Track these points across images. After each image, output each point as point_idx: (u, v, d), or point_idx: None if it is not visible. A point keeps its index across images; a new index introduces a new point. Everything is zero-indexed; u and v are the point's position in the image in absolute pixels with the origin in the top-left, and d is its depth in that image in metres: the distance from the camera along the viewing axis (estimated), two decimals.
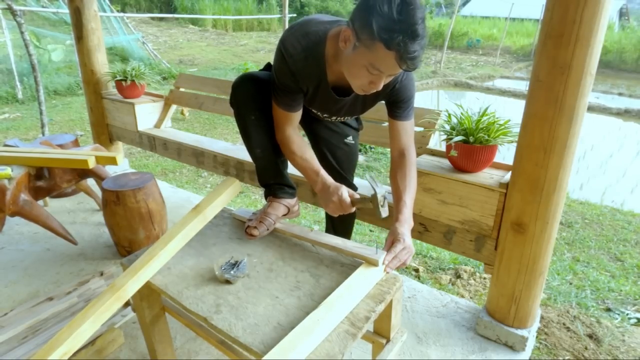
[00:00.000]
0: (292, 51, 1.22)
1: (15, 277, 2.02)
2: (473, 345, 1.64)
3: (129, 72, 2.89)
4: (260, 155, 1.44)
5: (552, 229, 1.46)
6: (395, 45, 1.00)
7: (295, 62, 1.23)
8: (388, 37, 1.00)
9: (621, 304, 2.21)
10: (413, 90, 1.35)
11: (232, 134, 5.62)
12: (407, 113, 1.37)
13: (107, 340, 1.53)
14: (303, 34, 1.22)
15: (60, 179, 2.15)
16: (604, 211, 3.60)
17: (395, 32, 0.99)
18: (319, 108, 1.43)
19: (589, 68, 1.27)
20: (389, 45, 1.01)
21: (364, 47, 1.06)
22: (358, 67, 1.10)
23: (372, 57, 1.06)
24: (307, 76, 1.26)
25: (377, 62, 1.06)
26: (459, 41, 15.63)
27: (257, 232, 1.35)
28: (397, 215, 1.27)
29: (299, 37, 1.22)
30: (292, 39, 1.23)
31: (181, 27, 14.50)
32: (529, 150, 1.40)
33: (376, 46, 1.03)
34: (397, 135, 1.38)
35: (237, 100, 1.39)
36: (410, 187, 1.32)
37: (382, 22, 1.00)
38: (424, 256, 2.62)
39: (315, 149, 1.67)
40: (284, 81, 1.28)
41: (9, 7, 3.73)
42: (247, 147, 1.46)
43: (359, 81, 1.15)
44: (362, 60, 1.08)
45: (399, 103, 1.35)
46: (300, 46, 1.21)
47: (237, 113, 1.41)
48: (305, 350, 0.92)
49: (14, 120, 5.70)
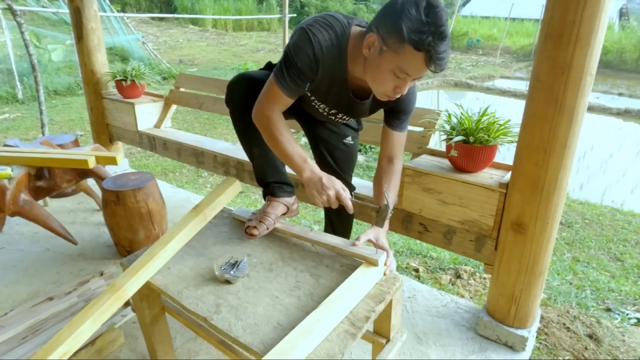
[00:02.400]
0: (320, 36, 1.18)
1: (15, 277, 2.02)
2: (473, 345, 1.64)
3: (129, 72, 2.89)
4: (258, 154, 1.44)
5: (552, 229, 1.46)
6: (425, 46, 1.03)
7: (322, 48, 1.18)
8: (418, 38, 1.03)
9: (621, 304, 2.21)
10: (414, 104, 1.41)
11: (232, 134, 5.62)
12: (403, 125, 1.42)
13: (107, 340, 1.53)
14: (328, 23, 1.20)
15: (60, 179, 2.15)
16: (604, 211, 3.60)
17: (425, 34, 1.02)
18: (332, 104, 1.38)
19: (589, 68, 1.27)
20: (418, 47, 1.04)
21: (391, 52, 1.08)
22: (384, 71, 1.12)
23: (400, 60, 1.08)
24: (327, 66, 1.23)
25: (405, 65, 1.08)
26: (459, 41, 15.62)
27: (257, 232, 1.35)
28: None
29: (325, 25, 1.20)
30: (318, 25, 1.19)
31: (181, 27, 14.50)
32: (529, 150, 1.40)
33: (405, 49, 1.06)
34: (389, 144, 1.42)
35: (233, 99, 1.39)
36: (394, 195, 1.38)
37: (411, 25, 1.03)
38: (424, 256, 2.62)
39: (314, 148, 1.68)
40: (301, 64, 1.20)
41: (9, 7, 3.73)
42: (244, 147, 1.46)
43: (383, 87, 1.16)
44: (389, 64, 1.10)
45: (399, 114, 1.39)
46: (327, 33, 1.19)
47: (233, 112, 1.41)
48: (305, 350, 0.92)
49: (14, 120, 5.70)
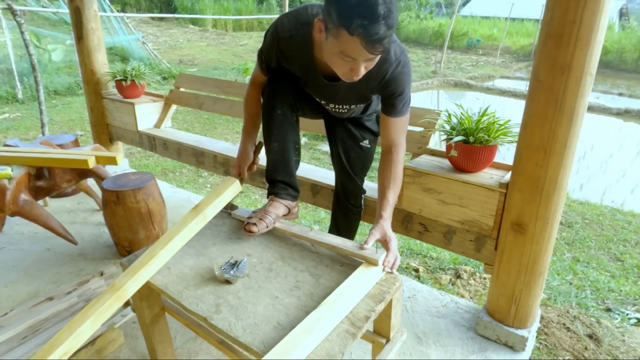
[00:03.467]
0: (280, 29, 1.30)
1: (15, 277, 2.02)
2: (473, 345, 1.63)
3: (129, 72, 2.89)
4: (276, 149, 1.46)
5: (552, 229, 1.46)
6: (356, 30, 1.00)
7: (281, 39, 1.30)
8: (348, 23, 1.00)
9: (621, 304, 2.21)
10: (406, 86, 1.33)
11: (232, 134, 5.62)
12: (398, 109, 1.35)
13: (107, 340, 1.53)
14: (295, 14, 1.29)
15: (60, 179, 2.15)
16: (604, 211, 3.60)
17: (355, 17, 0.99)
18: (315, 93, 1.48)
19: (589, 68, 1.27)
20: (351, 31, 1.01)
21: (332, 37, 1.07)
22: (333, 55, 1.12)
23: (340, 45, 1.06)
24: (292, 55, 1.33)
25: (346, 49, 1.06)
26: (459, 41, 15.62)
27: (256, 228, 1.34)
28: (381, 212, 1.31)
29: (291, 17, 1.30)
30: (284, 17, 1.31)
31: (181, 27, 14.49)
32: (529, 150, 1.40)
33: (341, 34, 1.04)
34: (386, 130, 1.39)
35: (271, 90, 1.44)
36: (394, 185, 1.36)
37: (341, 9, 1.01)
38: (424, 256, 2.62)
39: (332, 147, 1.70)
40: (268, 53, 1.37)
41: (9, 7, 3.73)
42: (265, 139, 1.49)
43: (339, 69, 1.16)
44: (334, 49, 1.09)
45: (391, 98, 1.34)
46: (289, 24, 1.29)
47: (267, 105, 1.45)
48: (305, 350, 0.92)
49: (14, 120, 5.70)
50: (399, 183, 1.38)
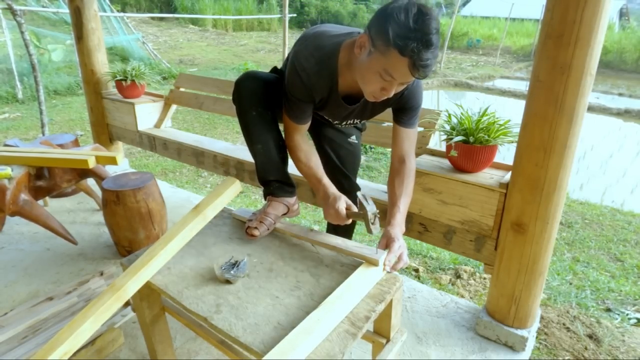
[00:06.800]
0: (305, 64, 1.26)
1: (15, 277, 2.02)
2: (473, 346, 1.64)
3: (129, 72, 2.89)
4: (261, 151, 1.45)
5: (552, 229, 1.46)
6: (409, 52, 1.04)
7: (309, 76, 1.27)
8: (403, 44, 1.04)
9: (621, 304, 2.21)
10: (420, 99, 1.39)
11: (232, 134, 5.62)
12: (412, 120, 1.41)
13: (107, 340, 1.53)
14: (316, 47, 1.27)
15: (60, 179, 2.15)
16: (604, 211, 3.60)
17: (410, 40, 1.03)
18: (329, 115, 1.47)
19: (589, 68, 1.27)
20: (403, 52, 1.05)
21: (378, 53, 1.10)
22: (372, 72, 1.14)
23: (386, 63, 1.09)
24: (319, 88, 1.30)
25: (391, 68, 1.09)
26: (459, 41, 15.62)
27: (257, 232, 1.35)
28: (390, 220, 1.30)
29: (312, 50, 1.27)
30: (305, 52, 1.27)
31: (181, 27, 14.50)
32: (529, 150, 1.40)
33: (391, 52, 1.07)
34: (399, 141, 1.41)
35: (240, 95, 1.41)
36: (406, 194, 1.36)
37: (398, 30, 1.04)
38: (424, 256, 2.62)
39: (319, 147, 1.69)
40: (296, 94, 1.32)
41: (9, 6, 3.73)
42: (248, 144, 1.47)
43: (371, 87, 1.17)
44: (376, 66, 1.11)
45: (406, 110, 1.39)
46: (314, 59, 1.26)
47: (239, 109, 1.43)
48: (305, 350, 0.92)
49: (14, 120, 5.70)
50: (410, 193, 1.39)
